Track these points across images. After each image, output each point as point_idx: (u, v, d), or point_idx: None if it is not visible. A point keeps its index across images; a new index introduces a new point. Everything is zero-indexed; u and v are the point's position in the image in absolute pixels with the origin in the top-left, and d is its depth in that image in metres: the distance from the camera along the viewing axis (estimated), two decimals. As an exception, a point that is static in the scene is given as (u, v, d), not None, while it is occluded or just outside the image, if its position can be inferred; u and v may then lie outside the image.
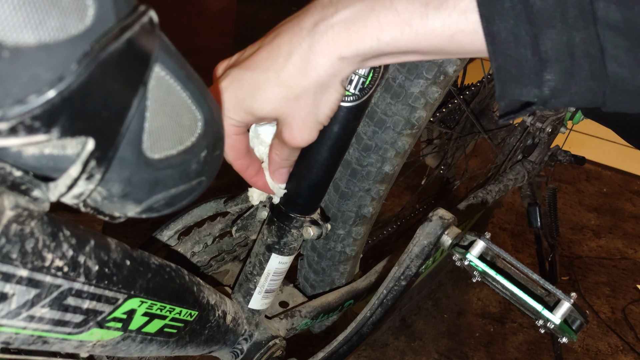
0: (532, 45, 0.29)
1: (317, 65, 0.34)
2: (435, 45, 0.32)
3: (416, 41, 0.32)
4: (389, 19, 0.32)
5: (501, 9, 0.29)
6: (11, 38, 0.20)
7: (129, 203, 0.30)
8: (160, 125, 0.28)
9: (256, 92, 0.36)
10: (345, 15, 0.33)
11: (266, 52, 0.36)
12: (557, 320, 0.50)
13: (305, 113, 0.37)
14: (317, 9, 0.34)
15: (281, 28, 0.36)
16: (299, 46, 0.34)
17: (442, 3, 0.31)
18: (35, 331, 0.32)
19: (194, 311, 0.48)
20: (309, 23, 0.34)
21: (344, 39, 0.33)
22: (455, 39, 0.31)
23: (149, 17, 0.25)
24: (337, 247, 0.81)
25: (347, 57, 0.34)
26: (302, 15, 0.35)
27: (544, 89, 0.30)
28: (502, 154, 1.24)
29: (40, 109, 0.21)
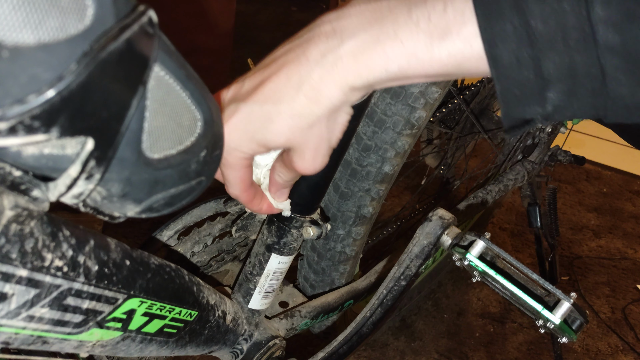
0: (534, 67, 0.30)
1: (329, 94, 0.35)
2: (442, 71, 0.33)
3: (423, 69, 0.33)
4: (395, 50, 0.33)
5: (503, 33, 0.29)
6: (11, 38, 0.20)
7: (128, 203, 0.30)
8: (160, 125, 0.28)
9: (269, 125, 0.36)
10: (351, 47, 0.34)
11: (274, 85, 0.36)
12: (557, 320, 0.50)
13: (318, 140, 0.38)
14: (322, 39, 0.35)
15: (284, 57, 0.36)
16: (309, 77, 0.35)
17: (446, 32, 0.31)
18: (35, 331, 0.32)
19: (193, 311, 0.48)
20: (316, 53, 0.34)
21: (354, 71, 0.34)
22: (460, 65, 0.32)
23: (149, 17, 0.25)
24: (337, 247, 0.81)
25: (358, 87, 0.35)
26: (305, 44, 0.35)
27: (547, 106, 0.31)
28: (502, 154, 1.24)
29: (39, 108, 0.21)
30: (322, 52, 0.34)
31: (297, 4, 3.17)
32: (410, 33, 0.32)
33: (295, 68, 0.35)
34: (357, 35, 0.33)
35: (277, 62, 0.36)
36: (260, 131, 0.37)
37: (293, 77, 0.35)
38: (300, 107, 0.35)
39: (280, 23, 2.94)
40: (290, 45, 0.36)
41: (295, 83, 0.35)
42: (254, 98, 0.36)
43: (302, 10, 3.11)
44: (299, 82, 0.35)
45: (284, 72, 0.35)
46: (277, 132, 0.36)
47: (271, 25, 2.90)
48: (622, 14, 0.27)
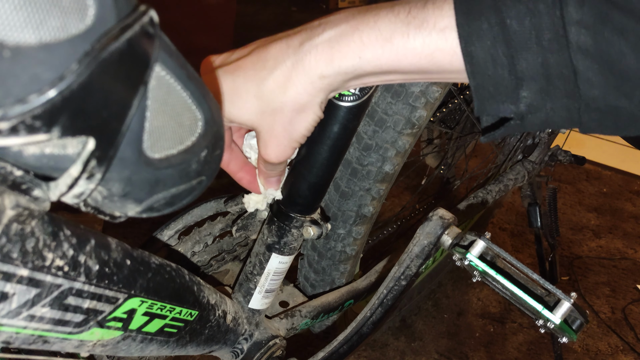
0: (508, 65, 0.30)
1: (297, 82, 0.35)
2: (415, 65, 0.33)
3: (397, 59, 0.33)
4: (371, 37, 0.33)
5: (479, 30, 0.30)
6: (12, 38, 0.20)
7: (129, 202, 0.30)
8: (161, 124, 0.28)
9: (235, 99, 0.37)
10: (330, 35, 0.34)
11: (251, 62, 0.36)
12: (557, 320, 0.50)
13: (280, 129, 0.38)
14: (307, 30, 0.35)
15: (271, 43, 0.37)
16: (283, 63, 0.35)
17: (423, 22, 0.32)
18: (36, 331, 0.32)
19: (194, 311, 0.48)
20: (296, 42, 0.35)
21: (326, 57, 0.34)
22: (434, 59, 0.32)
23: (150, 17, 0.25)
24: (338, 246, 0.81)
25: (328, 76, 0.35)
26: (292, 34, 0.36)
27: (520, 105, 0.31)
28: (502, 154, 1.24)
29: (41, 108, 0.21)
30: (302, 41, 0.35)
31: (297, 4, 3.17)
32: (388, 22, 0.33)
33: (274, 52, 0.35)
34: (338, 26, 0.34)
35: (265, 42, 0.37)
36: (226, 103, 0.37)
37: (270, 60, 0.35)
38: (267, 90, 0.35)
39: (280, 23, 2.94)
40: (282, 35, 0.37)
41: (270, 66, 0.35)
42: (230, 68, 0.37)
43: (302, 10, 3.11)
44: (274, 65, 0.35)
45: (264, 53, 0.36)
46: (240, 108, 0.37)
47: (271, 26, 2.89)
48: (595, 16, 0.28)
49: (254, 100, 0.36)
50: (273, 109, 0.36)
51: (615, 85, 0.29)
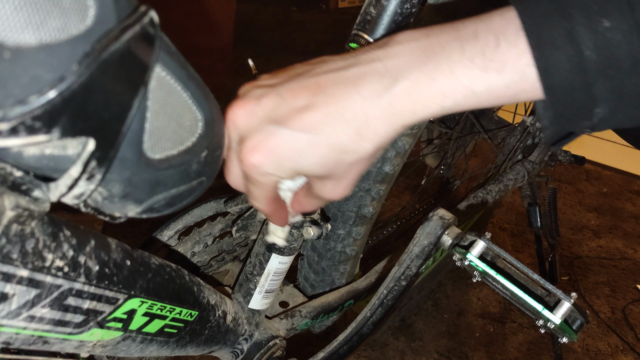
0: (586, 91, 0.31)
1: (382, 133, 0.35)
2: (495, 101, 0.34)
3: (478, 102, 0.33)
4: (451, 87, 0.33)
5: (558, 63, 0.30)
6: (12, 38, 0.20)
7: (129, 203, 0.30)
8: (161, 125, 0.28)
9: (313, 156, 0.35)
10: (406, 86, 0.33)
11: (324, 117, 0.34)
12: (558, 320, 0.50)
13: (357, 173, 0.37)
14: (375, 77, 0.34)
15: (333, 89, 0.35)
16: (364, 116, 0.34)
17: (502, 66, 0.32)
18: (36, 331, 0.32)
19: (194, 311, 0.48)
20: (370, 92, 0.34)
21: (409, 110, 0.34)
22: (516, 95, 0.33)
23: (150, 18, 0.25)
24: (337, 247, 0.81)
25: (411, 124, 0.35)
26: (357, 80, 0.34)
27: (594, 119, 0.32)
28: (502, 154, 1.24)
29: (41, 109, 0.21)
30: (377, 92, 0.34)
31: (297, 4, 3.17)
32: (466, 69, 0.32)
33: (349, 104, 0.34)
34: (411, 74, 0.33)
35: (323, 90, 0.35)
36: (302, 160, 0.35)
37: (346, 113, 0.34)
38: (351, 143, 0.35)
39: (280, 23, 2.94)
40: (338, 76, 0.35)
41: (348, 119, 0.34)
42: (299, 125, 0.34)
43: (302, 10, 3.11)
44: (353, 119, 0.34)
45: (335, 105, 0.34)
46: (320, 164, 0.36)
47: (271, 25, 2.90)
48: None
49: (337, 154, 0.35)
50: (357, 159, 0.36)
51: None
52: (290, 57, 2.51)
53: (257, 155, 0.34)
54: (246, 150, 0.35)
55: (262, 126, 0.34)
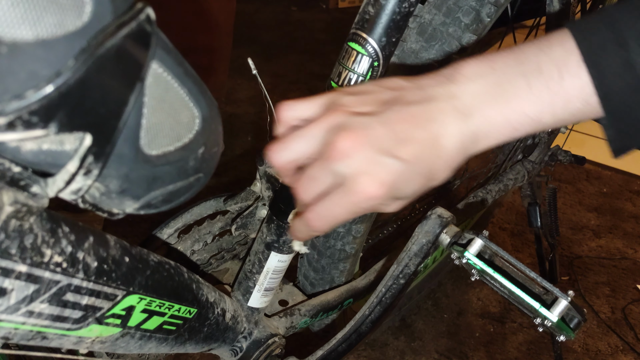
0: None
1: (458, 162, 0.38)
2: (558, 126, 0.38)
3: (543, 129, 0.37)
4: (521, 121, 0.36)
5: (618, 89, 0.33)
6: (9, 34, 0.20)
7: (127, 199, 0.30)
8: (158, 121, 0.28)
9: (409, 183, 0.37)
10: (481, 123, 0.37)
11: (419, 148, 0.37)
12: (555, 318, 0.50)
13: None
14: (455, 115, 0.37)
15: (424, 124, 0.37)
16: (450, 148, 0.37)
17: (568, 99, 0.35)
18: (34, 327, 0.32)
19: (193, 308, 0.48)
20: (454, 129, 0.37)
21: (483, 143, 0.38)
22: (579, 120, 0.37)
23: (146, 14, 0.25)
24: (337, 245, 0.81)
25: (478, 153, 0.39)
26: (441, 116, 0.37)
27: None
28: (502, 154, 1.24)
29: (38, 104, 0.21)
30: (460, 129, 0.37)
31: (297, 3, 3.17)
32: (534, 105, 0.35)
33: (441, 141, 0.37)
34: (484, 112, 0.37)
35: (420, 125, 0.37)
36: (404, 188, 0.37)
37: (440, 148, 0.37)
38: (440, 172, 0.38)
39: (280, 22, 2.94)
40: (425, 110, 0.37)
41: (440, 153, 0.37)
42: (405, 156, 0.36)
43: (302, 9, 3.11)
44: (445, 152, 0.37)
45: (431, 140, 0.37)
46: (416, 191, 0.38)
47: (271, 25, 2.90)
48: None
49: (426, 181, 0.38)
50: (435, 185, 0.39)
51: None
52: (290, 57, 2.52)
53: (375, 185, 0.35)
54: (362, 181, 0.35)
55: (374, 157, 0.36)
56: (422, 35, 0.70)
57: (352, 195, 0.36)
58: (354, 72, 0.50)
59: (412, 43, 0.70)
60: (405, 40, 0.71)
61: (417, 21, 0.70)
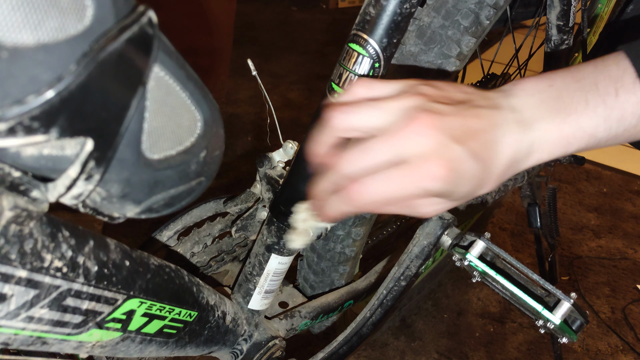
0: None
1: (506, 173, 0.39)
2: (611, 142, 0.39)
3: (597, 145, 0.39)
4: (576, 136, 0.38)
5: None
6: (10, 38, 0.20)
7: (128, 203, 0.30)
8: (160, 125, 0.28)
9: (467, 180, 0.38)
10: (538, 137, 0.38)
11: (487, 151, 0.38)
12: (557, 320, 0.50)
13: None
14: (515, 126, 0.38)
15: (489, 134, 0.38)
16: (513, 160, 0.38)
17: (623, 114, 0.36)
18: (35, 332, 0.32)
19: (193, 312, 0.48)
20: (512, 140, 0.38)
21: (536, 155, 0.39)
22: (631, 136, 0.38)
23: (148, 18, 0.25)
24: (337, 247, 0.81)
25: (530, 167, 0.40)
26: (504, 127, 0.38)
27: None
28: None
29: (39, 109, 0.21)
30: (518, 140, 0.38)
31: (297, 3, 3.17)
32: (590, 120, 0.37)
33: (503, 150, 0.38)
34: (542, 125, 0.38)
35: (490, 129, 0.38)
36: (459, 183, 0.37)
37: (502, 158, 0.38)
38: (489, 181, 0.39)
39: (280, 23, 2.94)
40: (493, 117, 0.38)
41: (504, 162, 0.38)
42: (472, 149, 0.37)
43: (302, 10, 3.11)
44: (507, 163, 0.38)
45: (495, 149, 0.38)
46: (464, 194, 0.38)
47: (271, 25, 2.89)
48: None
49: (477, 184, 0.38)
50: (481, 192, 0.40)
51: None
52: (290, 57, 2.51)
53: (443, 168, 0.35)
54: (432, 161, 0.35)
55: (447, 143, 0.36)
56: (421, 38, 0.69)
57: (416, 173, 0.35)
58: (354, 73, 0.50)
59: (411, 46, 0.70)
60: (404, 43, 0.70)
61: (416, 24, 0.70)
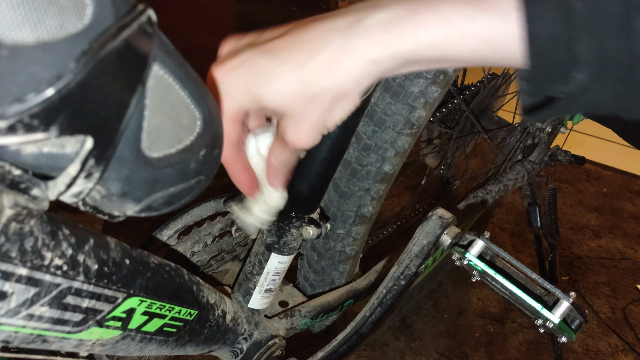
0: (567, 47, 0.29)
1: (345, 67, 0.33)
2: (474, 50, 0.32)
3: (456, 44, 0.31)
4: (430, 18, 0.31)
5: (542, 10, 0.29)
6: (10, 36, 0.20)
7: (128, 202, 0.30)
8: (159, 124, 0.28)
9: (270, 81, 0.34)
10: (383, 17, 0.32)
11: (290, 42, 0.34)
12: (556, 319, 0.50)
13: (316, 115, 0.35)
14: (352, 12, 0.33)
15: (310, 24, 0.34)
16: (329, 45, 0.33)
17: (484, 4, 0.30)
18: (35, 330, 0.32)
19: (193, 310, 0.48)
20: (343, 24, 0.33)
21: (380, 40, 0.32)
22: (495, 43, 0.31)
23: (148, 16, 0.25)
24: (337, 246, 0.81)
25: (379, 61, 0.32)
26: (334, 16, 0.33)
27: (572, 85, 0.30)
28: (502, 154, 1.24)
29: (38, 107, 0.21)
30: (350, 23, 0.32)
31: (297, 4, 3.17)
32: (449, 4, 0.31)
33: (317, 33, 0.33)
34: (390, 7, 0.32)
35: (302, 23, 0.34)
36: (258, 85, 0.34)
37: (312, 41, 0.33)
38: (310, 73, 0.33)
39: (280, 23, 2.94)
40: (321, 16, 0.34)
41: (312, 48, 0.33)
42: (264, 48, 0.34)
43: (302, 10, 3.11)
44: (317, 48, 0.33)
45: (305, 34, 0.33)
46: (276, 92, 0.34)
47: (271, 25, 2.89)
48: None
49: (293, 83, 0.34)
50: (313, 94, 0.34)
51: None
52: (290, 57, 2.51)
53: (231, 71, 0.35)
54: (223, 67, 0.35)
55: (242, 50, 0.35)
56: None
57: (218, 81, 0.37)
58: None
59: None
60: None
61: None
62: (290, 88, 0.34)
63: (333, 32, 0.33)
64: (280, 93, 0.34)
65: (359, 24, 0.32)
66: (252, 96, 0.35)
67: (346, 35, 0.32)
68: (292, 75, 0.34)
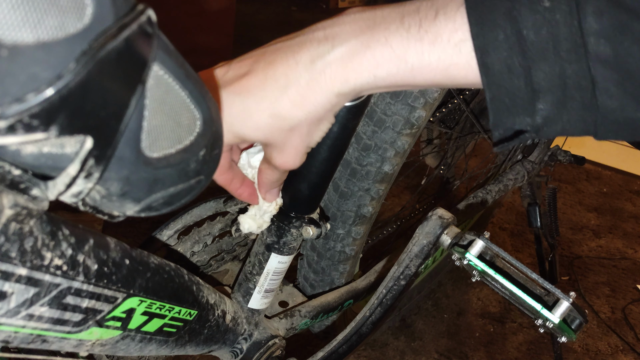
0: (525, 76, 0.30)
1: (314, 100, 0.35)
2: (430, 79, 0.33)
3: (411, 75, 0.33)
4: (384, 55, 0.33)
5: (495, 41, 0.29)
6: (10, 37, 0.20)
7: (127, 202, 0.30)
8: (159, 124, 0.28)
9: (248, 120, 0.36)
10: (341, 53, 0.34)
11: (259, 81, 0.36)
12: (556, 319, 0.50)
13: (297, 141, 0.38)
14: (313, 44, 0.35)
15: (273, 56, 0.36)
16: (297, 81, 0.35)
17: (436, 37, 0.31)
18: (35, 330, 0.32)
19: (193, 310, 0.48)
20: (306, 58, 0.34)
21: (341, 76, 0.34)
22: (449, 73, 0.32)
23: (148, 16, 0.25)
24: (337, 246, 0.81)
25: (344, 93, 0.35)
26: (296, 47, 0.35)
27: (537, 117, 0.31)
28: (502, 154, 1.24)
29: (38, 107, 0.21)
30: (312, 58, 0.34)
31: (297, 3, 3.17)
32: (400, 38, 0.32)
33: (283, 69, 0.35)
34: (347, 42, 0.34)
35: (265, 57, 0.36)
36: (238, 124, 0.37)
37: (280, 78, 0.35)
38: (283, 109, 0.35)
39: (280, 23, 2.94)
40: (282, 45, 0.36)
41: (282, 85, 0.35)
42: (236, 89, 0.36)
43: (302, 10, 3.11)
44: (286, 84, 0.35)
45: (271, 70, 0.35)
46: (256, 128, 0.37)
47: (271, 25, 2.90)
48: (614, 26, 0.27)
49: (269, 119, 0.36)
50: (290, 125, 0.36)
51: (635, 96, 0.28)
52: (290, 57, 2.51)
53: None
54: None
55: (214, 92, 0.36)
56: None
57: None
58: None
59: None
60: None
61: None
62: (268, 123, 0.36)
63: (299, 66, 0.35)
64: (260, 129, 0.37)
65: (320, 59, 0.34)
66: (233, 134, 0.38)
67: (310, 71, 0.34)
68: (267, 113, 0.36)
